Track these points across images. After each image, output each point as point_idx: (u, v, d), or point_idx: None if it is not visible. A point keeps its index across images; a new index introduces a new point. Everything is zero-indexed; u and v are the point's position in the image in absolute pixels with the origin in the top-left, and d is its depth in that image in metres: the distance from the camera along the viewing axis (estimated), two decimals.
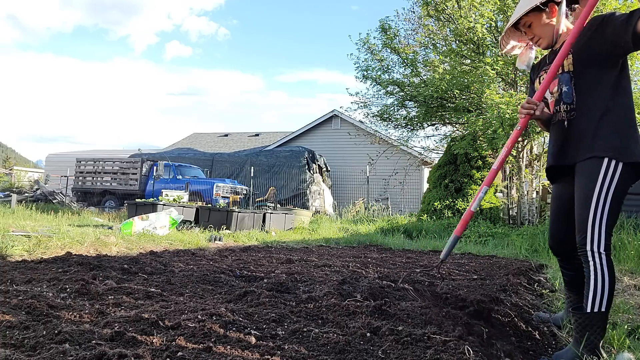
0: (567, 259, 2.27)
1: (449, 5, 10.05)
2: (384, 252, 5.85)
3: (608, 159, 1.84)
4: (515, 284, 3.36)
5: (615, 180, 1.83)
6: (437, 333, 1.78)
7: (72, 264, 3.26)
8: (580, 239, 1.88)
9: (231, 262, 4.02)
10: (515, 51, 2.41)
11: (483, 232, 8.20)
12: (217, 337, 1.71)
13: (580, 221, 1.88)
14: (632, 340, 2.07)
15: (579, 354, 1.81)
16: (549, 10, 2.10)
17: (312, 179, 15.56)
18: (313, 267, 3.89)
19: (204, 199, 12.11)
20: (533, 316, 2.54)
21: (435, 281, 3.27)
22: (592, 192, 1.85)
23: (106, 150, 24.70)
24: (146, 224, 6.19)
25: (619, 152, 1.84)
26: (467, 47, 9.67)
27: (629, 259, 4.68)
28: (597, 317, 1.82)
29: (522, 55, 2.36)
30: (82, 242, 4.58)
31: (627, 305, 2.72)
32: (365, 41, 11.29)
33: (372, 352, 1.63)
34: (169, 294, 2.52)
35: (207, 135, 27.95)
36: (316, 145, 18.45)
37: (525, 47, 2.35)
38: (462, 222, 2.26)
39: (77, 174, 14.93)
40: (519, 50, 2.39)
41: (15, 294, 2.19)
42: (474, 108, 9.62)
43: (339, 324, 1.98)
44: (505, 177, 10.58)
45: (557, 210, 2.23)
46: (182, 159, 16.15)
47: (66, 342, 1.58)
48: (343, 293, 2.56)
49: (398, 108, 11.38)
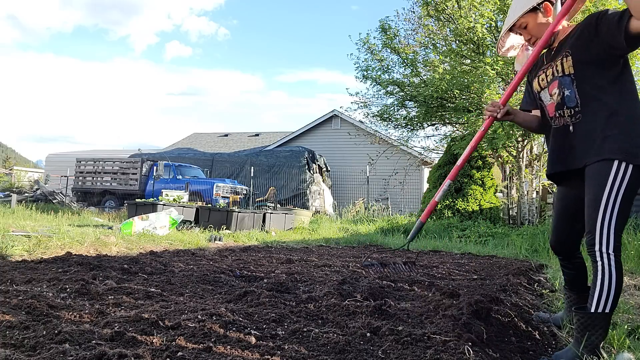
0: (568, 258, 2.27)
1: (449, 5, 10.05)
2: (384, 252, 5.85)
3: (618, 161, 1.83)
4: (515, 284, 3.35)
5: (625, 182, 1.82)
6: (437, 333, 1.78)
7: (72, 264, 3.26)
8: (589, 239, 1.87)
9: (231, 262, 4.02)
10: (511, 53, 2.41)
11: (483, 232, 8.20)
12: (217, 337, 1.71)
13: (590, 222, 1.87)
14: (632, 340, 2.06)
15: (579, 354, 1.81)
16: (544, 9, 2.09)
17: (312, 179, 15.55)
18: (313, 267, 3.89)
19: (204, 199, 12.11)
20: (533, 316, 2.54)
21: (435, 281, 3.27)
22: (602, 193, 1.83)
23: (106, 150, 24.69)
24: (146, 224, 6.19)
25: (629, 154, 1.82)
26: (467, 47, 9.67)
27: (629, 259, 4.68)
28: (601, 318, 1.82)
29: (519, 56, 2.36)
30: (82, 242, 4.58)
31: (627, 305, 2.72)
32: (365, 41, 11.29)
33: (372, 352, 1.63)
34: (169, 294, 2.52)
35: (207, 135, 27.94)
36: (316, 145, 18.45)
37: (522, 48, 2.34)
38: (427, 210, 2.45)
39: (77, 174, 14.93)
40: (515, 52, 2.39)
41: (15, 294, 2.19)
42: (474, 108, 9.62)
43: (339, 324, 1.98)
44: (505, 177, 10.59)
45: (562, 211, 2.23)
46: (182, 159, 16.15)
47: (66, 342, 1.58)
48: (343, 293, 2.56)
49: (398, 108, 11.38)
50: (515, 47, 2.38)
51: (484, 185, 9.86)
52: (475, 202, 9.59)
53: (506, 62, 8.73)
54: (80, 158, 15.43)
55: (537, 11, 2.08)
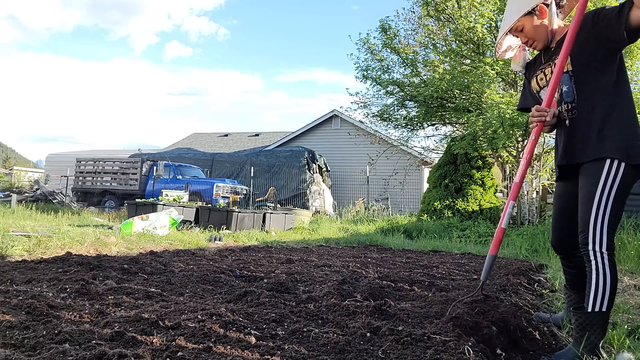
0: (569, 257, 2.28)
1: (449, 5, 10.04)
2: (384, 252, 5.85)
3: (610, 160, 1.84)
4: (515, 284, 3.35)
5: (618, 181, 1.83)
6: (437, 333, 1.78)
7: (72, 264, 3.26)
8: (582, 238, 1.88)
9: (231, 262, 4.02)
10: (509, 54, 2.42)
11: (483, 232, 8.20)
12: (217, 337, 1.71)
13: (583, 221, 1.88)
14: (632, 340, 2.06)
15: (579, 354, 1.81)
16: (539, 12, 2.10)
17: (312, 179, 15.56)
18: (313, 267, 3.89)
19: (204, 199, 12.11)
20: (533, 316, 2.54)
21: (435, 281, 3.27)
22: (595, 192, 1.85)
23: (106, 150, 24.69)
24: (146, 224, 6.19)
25: (623, 153, 1.84)
26: (467, 47, 9.67)
27: (629, 259, 4.68)
28: (598, 317, 1.82)
29: (516, 57, 2.37)
30: (82, 242, 4.58)
31: (627, 305, 2.72)
32: (365, 41, 11.29)
33: (372, 352, 1.63)
34: (169, 294, 2.52)
35: (207, 135, 27.95)
36: (316, 145, 18.45)
37: (519, 49, 2.35)
38: (496, 240, 2.17)
39: (77, 174, 14.93)
40: (512, 53, 2.40)
41: (15, 294, 2.19)
42: (474, 108, 9.62)
43: (339, 324, 1.98)
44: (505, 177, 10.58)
45: (561, 208, 2.23)
46: (182, 159, 16.15)
47: (66, 342, 1.58)
48: (343, 293, 2.56)
49: (398, 108, 11.38)
50: (513, 48, 2.39)
51: (484, 185, 9.86)
52: (475, 202, 9.59)
53: (506, 63, 8.73)
54: (80, 158, 15.43)
55: (532, 14, 2.10)
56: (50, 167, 21.83)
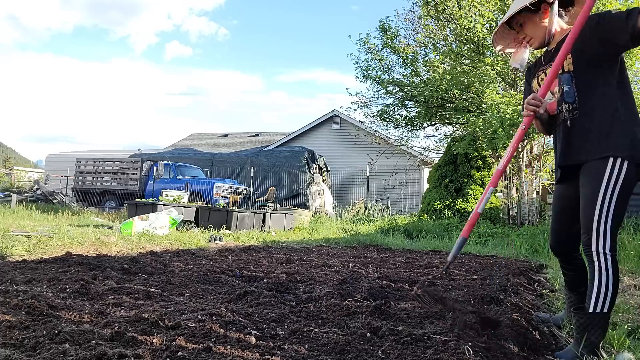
0: (568, 259, 2.27)
1: (449, 5, 10.04)
2: (384, 252, 5.85)
3: (613, 159, 1.84)
4: (515, 284, 3.35)
5: (622, 179, 1.83)
6: (437, 333, 1.78)
7: (72, 264, 3.26)
8: (585, 239, 1.88)
9: (231, 262, 4.02)
10: (508, 49, 2.41)
11: (483, 232, 8.20)
12: (217, 337, 1.71)
13: (586, 221, 1.88)
14: (632, 340, 2.06)
15: (579, 354, 1.81)
16: (542, 11, 2.10)
17: (312, 179, 15.55)
18: (313, 267, 3.89)
19: (204, 199, 12.10)
20: (533, 316, 2.54)
21: (435, 281, 3.27)
22: (598, 191, 1.84)
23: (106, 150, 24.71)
24: (146, 224, 6.19)
25: (628, 152, 1.84)
26: (467, 47, 9.66)
27: (629, 259, 4.68)
28: (599, 318, 1.82)
29: (516, 54, 2.36)
30: (82, 242, 4.58)
31: (627, 305, 2.72)
32: (365, 41, 11.29)
33: (372, 352, 1.63)
34: (169, 294, 2.52)
35: (207, 135, 27.94)
36: (316, 145, 18.45)
37: (519, 46, 2.34)
38: (469, 224, 2.16)
39: (77, 174, 14.93)
40: (511, 49, 2.39)
41: (15, 294, 2.19)
42: (474, 108, 9.62)
43: (339, 324, 1.98)
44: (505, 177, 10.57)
45: (561, 210, 2.22)
46: (182, 159, 16.15)
47: (66, 342, 1.58)
48: (343, 293, 2.56)
49: (398, 108, 11.37)
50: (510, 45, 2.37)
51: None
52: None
53: (506, 62, 8.73)
54: (80, 158, 15.42)
55: (535, 13, 2.10)
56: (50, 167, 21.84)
